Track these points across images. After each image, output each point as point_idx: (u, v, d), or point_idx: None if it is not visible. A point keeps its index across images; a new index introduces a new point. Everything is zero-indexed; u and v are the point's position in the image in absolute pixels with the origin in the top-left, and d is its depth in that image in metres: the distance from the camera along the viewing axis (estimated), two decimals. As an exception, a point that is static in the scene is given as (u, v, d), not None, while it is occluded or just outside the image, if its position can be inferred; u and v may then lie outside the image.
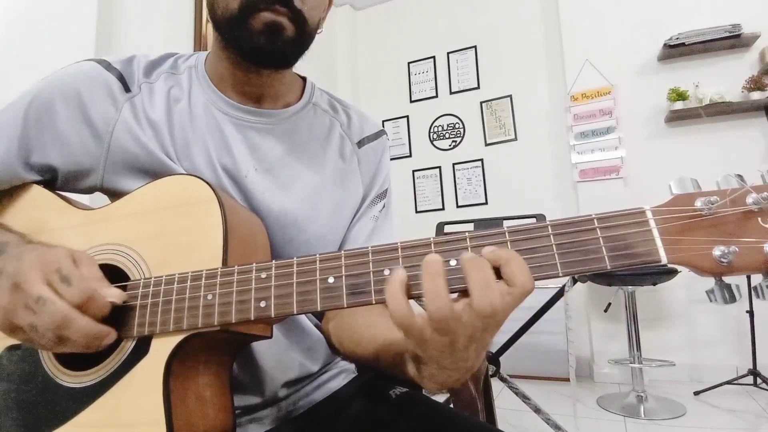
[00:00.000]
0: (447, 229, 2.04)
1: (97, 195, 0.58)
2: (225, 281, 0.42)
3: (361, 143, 0.67)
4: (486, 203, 3.04)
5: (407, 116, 3.36)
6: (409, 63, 3.39)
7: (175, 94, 0.58)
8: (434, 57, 3.32)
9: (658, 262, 0.33)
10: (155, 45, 1.83)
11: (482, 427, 0.55)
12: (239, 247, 0.46)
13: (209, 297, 0.42)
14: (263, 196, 0.56)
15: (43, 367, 0.47)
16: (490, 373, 1.62)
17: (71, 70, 0.55)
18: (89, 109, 0.53)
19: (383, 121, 3.39)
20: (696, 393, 2.20)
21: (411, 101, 3.36)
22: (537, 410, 1.71)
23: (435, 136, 3.26)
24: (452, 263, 0.35)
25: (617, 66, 2.69)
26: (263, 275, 0.41)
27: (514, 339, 1.91)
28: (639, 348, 2.21)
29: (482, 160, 3.08)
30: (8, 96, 0.56)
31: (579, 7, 2.80)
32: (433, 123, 3.27)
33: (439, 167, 3.21)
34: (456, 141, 3.19)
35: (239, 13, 0.50)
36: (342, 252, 0.39)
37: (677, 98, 2.51)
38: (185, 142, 0.55)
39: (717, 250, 0.33)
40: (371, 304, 0.37)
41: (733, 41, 2.44)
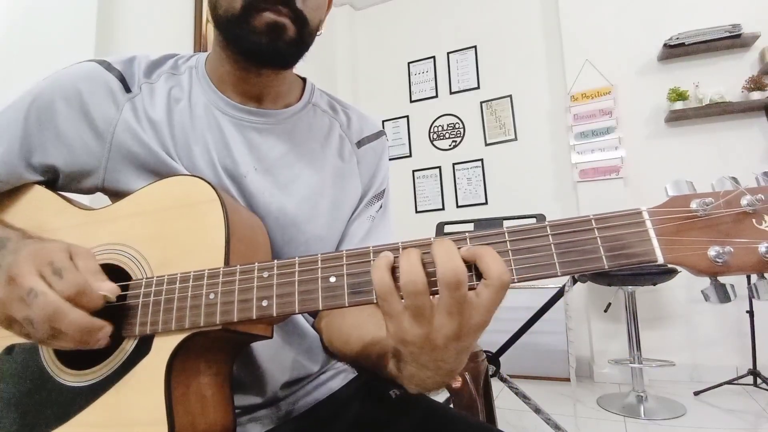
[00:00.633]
0: (447, 229, 2.04)
1: (98, 195, 0.58)
2: (227, 280, 0.42)
3: (361, 143, 0.67)
4: (486, 203, 3.04)
5: (407, 116, 3.36)
6: (409, 63, 3.39)
7: (176, 95, 0.58)
8: (434, 57, 3.32)
9: (655, 262, 0.34)
10: (155, 45, 1.83)
11: (482, 427, 0.55)
12: (241, 247, 0.46)
13: (211, 296, 0.42)
14: (263, 196, 0.57)
15: (44, 366, 0.47)
16: (490, 373, 1.62)
17: (72, 71, 0.55)
18: (90, 110, 0.53)
19: (383, 121, 3.39)
20: (696, 393, 2.20)
21: (411, 101, 3.36)
22: (537, 410, 1.71)
23: (435, 136, 3.26)
24: None
25: (617, 66, 2.69)
26: (265, 275, 0.41)
27: (514, 339, 1.91)
28: (639, 348, 2.21)
29: (482, 160, 3.08)
30: (9, 96, 0.57)
31: (579, 7, 2.80)
32: (433, 123, 3.28)
33: (439, 167, 3.21)
34: (456, 141, 3.19)
35: (241, 13, 0.50)
36: (344, 251, 0.39)
37: (677, 98, 2.51)
38: (186, 142, 0.56)
39: (712, 251, 0.33)
40: (373, 303, 0.38)
41: (733, 41, 2.44)
